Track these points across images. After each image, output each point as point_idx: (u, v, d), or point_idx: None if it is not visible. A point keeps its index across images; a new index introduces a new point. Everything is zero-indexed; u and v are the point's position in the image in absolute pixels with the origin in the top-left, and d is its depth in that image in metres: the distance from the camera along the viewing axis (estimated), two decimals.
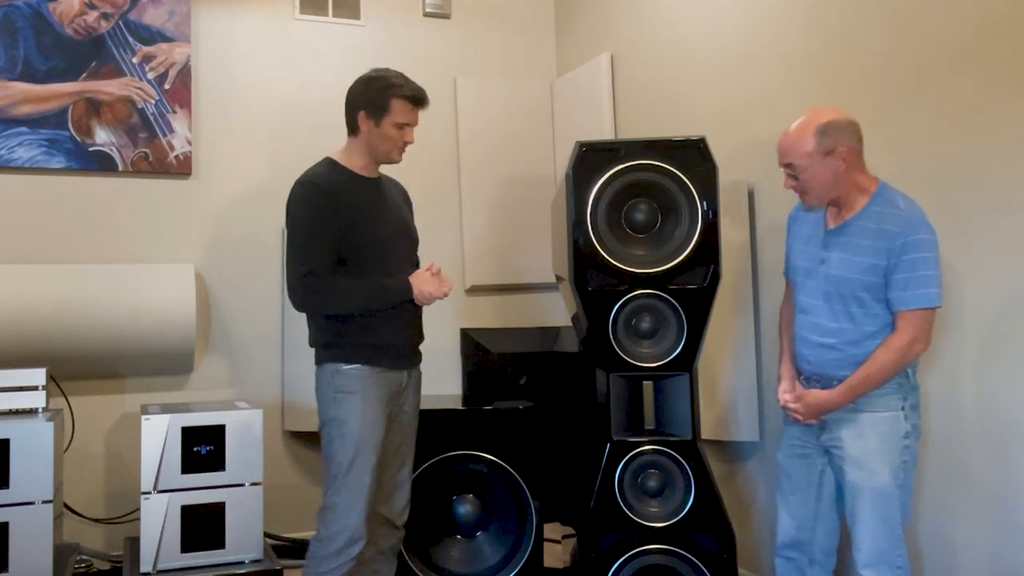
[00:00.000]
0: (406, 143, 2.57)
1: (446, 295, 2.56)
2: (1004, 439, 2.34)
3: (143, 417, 3.04)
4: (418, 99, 2.55)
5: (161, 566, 3.02)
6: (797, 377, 2.42)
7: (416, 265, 2.71)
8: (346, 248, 2.48)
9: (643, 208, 2.89)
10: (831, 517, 2.41)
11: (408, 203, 2.78)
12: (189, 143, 3.71)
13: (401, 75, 2.56)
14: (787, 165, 2.27)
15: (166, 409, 3.20)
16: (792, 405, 2.36)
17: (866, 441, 2.23)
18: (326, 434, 2.49)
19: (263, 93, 3.89)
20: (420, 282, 2.53)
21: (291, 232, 2.47)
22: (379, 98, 2.52)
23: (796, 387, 2.40)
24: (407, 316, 2.57)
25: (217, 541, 3.08)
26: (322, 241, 2.45)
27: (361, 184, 2.56)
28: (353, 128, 2.57)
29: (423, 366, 4.17)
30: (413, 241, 2.70)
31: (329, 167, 2.55)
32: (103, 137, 3.58)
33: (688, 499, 2.81)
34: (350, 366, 2.48)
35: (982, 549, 2.40)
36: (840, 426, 2.29)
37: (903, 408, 2.22)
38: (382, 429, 2.49)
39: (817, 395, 2.29)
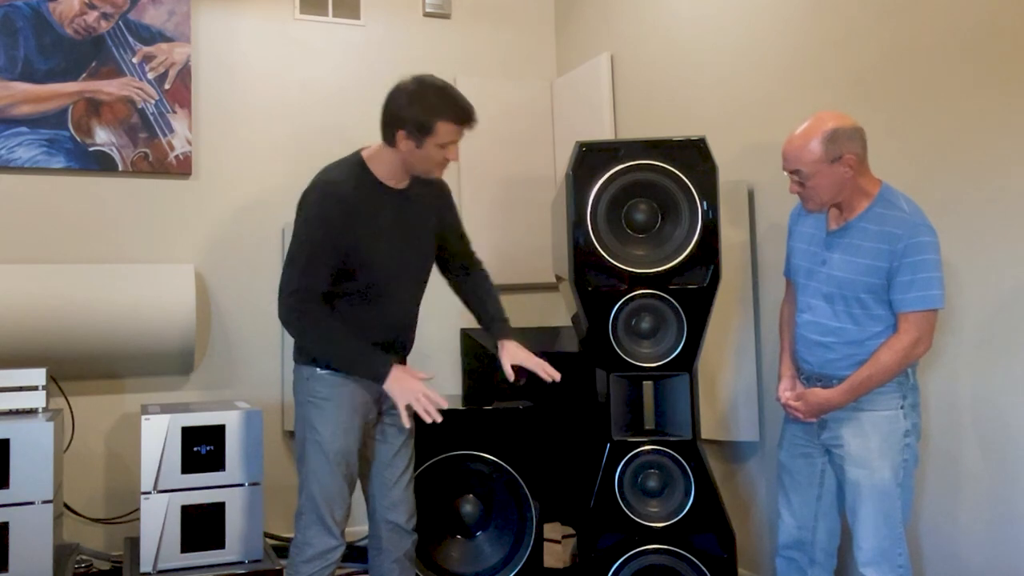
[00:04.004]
0: (448, 161, 2.36)
1: (429, 413, 2.26)
2: (1003, 438, 2.34)
3: (143, 417, 3.04)
4: (467, 119, 2.32)
5: (161, 566, 3.02)
6: (797, 376, 2.43)
7: (421, 287, 2.54)
8: (348, 266, 2.35)
9: (643, 208, 2.88)
10: (832, 517, 2.41)
11: (442, 204, 2.57)
12: (189, 143, 3.71)
13: (446, 88, 2.30)
14: (794, 171, 2.26)
15: (166, 409, 3.20)
16: (793, 403, 2.36)
17: (867, 440, 2.24)
18: (298, 437, 2.43)
19: (263, 93, 3.89)
20: (407, 387, 2.28)
21: (297, 240, 2.31)
22: (424, 120, 2.27)
23: (797, 385, 2.41)
24: (391, 336, 2.45)
25: (217, 541, 3.08)
26: (323, 259, 2.30)
27: (384, 197, 2.38)
28: (390, 142, 2.34)
29: (425, 367, 4.20)
30: (424, 268, 2.52)
31: (356, 171, 2.36)
32: (103, 137, 3.58)
33: (688, 499, 2.81)
34: (325, 371, 2.38)
35: (982, 548, 2.40)
36: (841, 425, 2.29)
37: (903, 407, 2.23)
38: (356, 438, 2.41)
39: (818, 394, 2.29)
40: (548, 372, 2.45)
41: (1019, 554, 2.30)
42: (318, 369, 2.39)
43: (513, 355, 2.50)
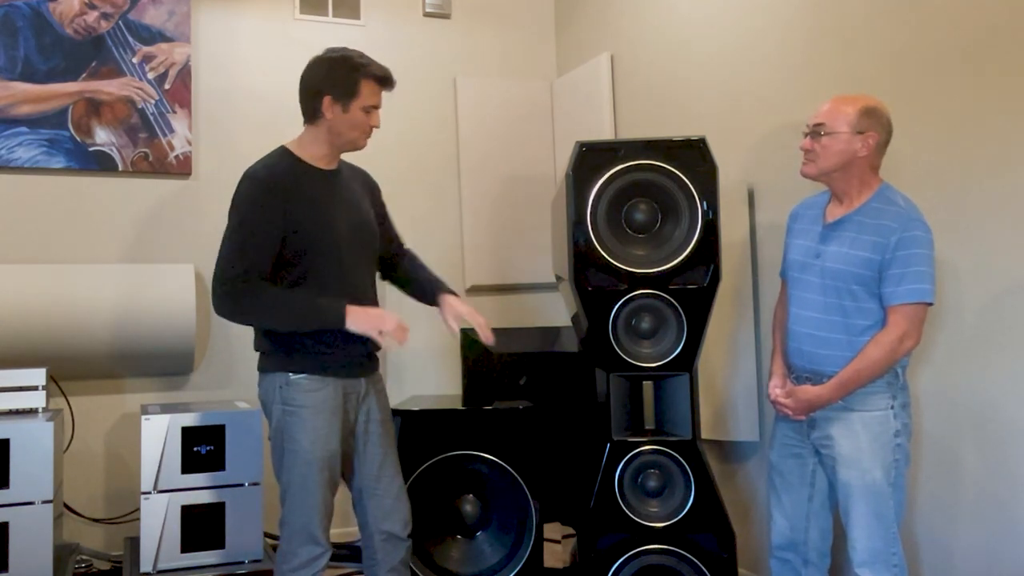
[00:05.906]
0: (373, 128, 2.42)
1: (402, 343, 2.32)
2: (999, 437, 2.34)
3: (143, 417, 3.04)
4: (386, 79, 2.40)
5: (161, 566, 3.02)
6: (788, 374, 2.43)
7: (375, 264, 2.56)
8: (294, 249, 2.32)
9: (643, 208, 2.89)
10: (824, 516, 2.41)
11: (373, 190, 2.62)
12: (189, 143, 3.71)
13: (363, 54, 2.39)
14: (817, 124, 2.29)
15: (166, 409, 3.20)
16: (783, 400, 2.37)
17: (857, 440, 2.24)
18: (275, 447, 2.37)
19: (263, 93, 3.89)
20: (370, 315, 2.32)
21: (230, 228, 2.30)
22: (347, 81, 2.34)
23: (787, 383, 2.41)
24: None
25: (217, 541, 3.08)
26: (261, 241, 2.27)
27: (317, 177, 2.40)
28: (315, 115, 2.38)
29: (425, 367, 4.21)
30: (373, 240, 2.52)
31: (282, 158, 2.38)
32: (103, 137, 3.58)
33: (688, 499, 2.81)
34: (299, 376, 2.34)
35: (979, 547, 2.40)
36: (830, 425, 2.29)
37: (892, 407, 2.24)
38: (336, 441, 2.37)
39: (808, 391, 2.30)
40: (486, 334, 2.45)
41: (1016, 552, 2.30)
42: (291, 375, 2.34)
43: (455, 309, 2.50)
